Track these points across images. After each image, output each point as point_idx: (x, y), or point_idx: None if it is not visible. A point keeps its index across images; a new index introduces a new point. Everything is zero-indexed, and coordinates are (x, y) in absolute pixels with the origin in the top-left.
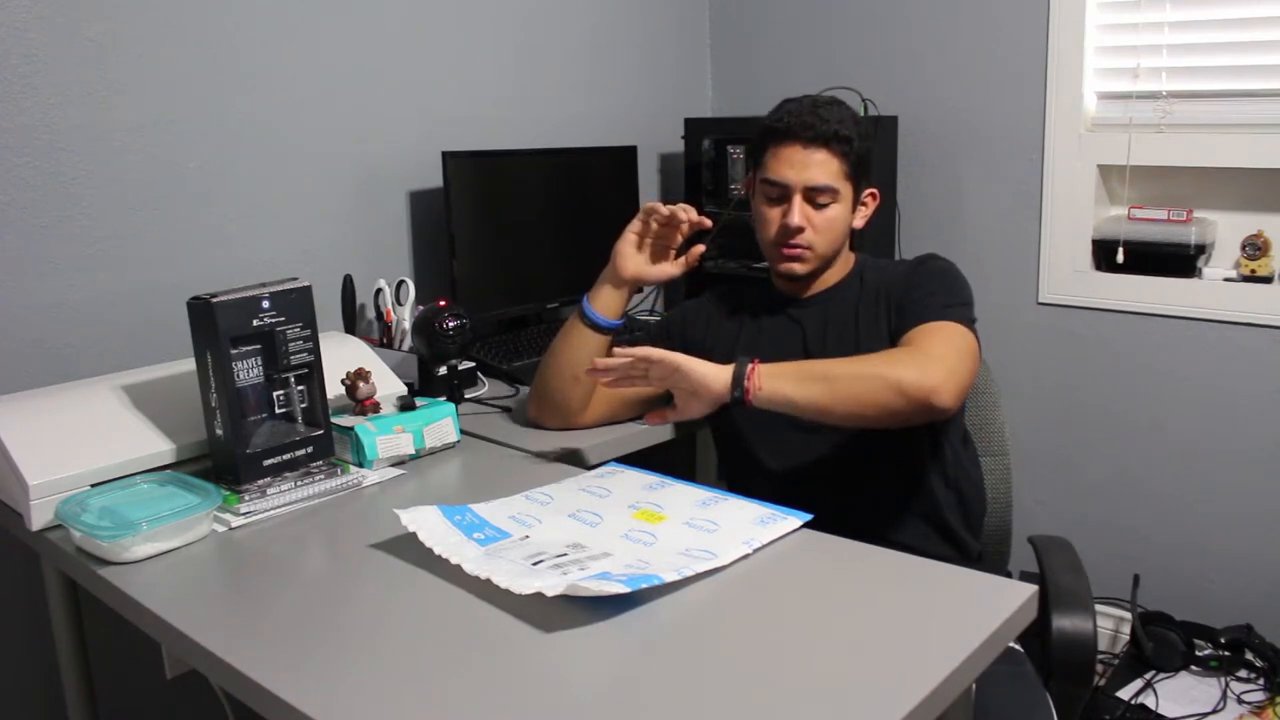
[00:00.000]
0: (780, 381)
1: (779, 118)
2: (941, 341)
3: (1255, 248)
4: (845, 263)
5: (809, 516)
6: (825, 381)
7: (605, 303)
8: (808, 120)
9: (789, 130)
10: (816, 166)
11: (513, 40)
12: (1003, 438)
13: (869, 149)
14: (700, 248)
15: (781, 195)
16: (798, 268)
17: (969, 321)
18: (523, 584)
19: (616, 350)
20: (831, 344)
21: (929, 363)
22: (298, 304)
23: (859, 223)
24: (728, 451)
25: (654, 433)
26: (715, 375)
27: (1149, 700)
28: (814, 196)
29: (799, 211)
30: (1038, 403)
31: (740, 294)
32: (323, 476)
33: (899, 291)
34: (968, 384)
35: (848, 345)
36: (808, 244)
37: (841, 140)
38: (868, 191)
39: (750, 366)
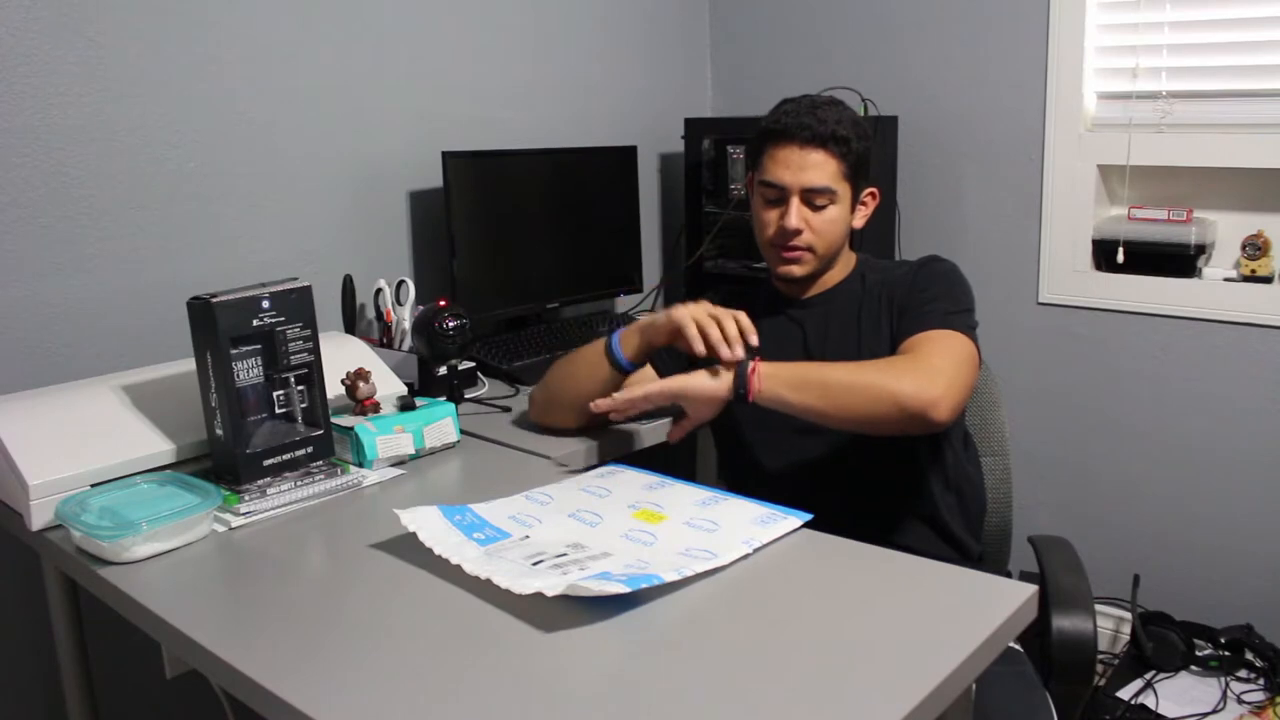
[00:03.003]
0: (778, 384)
1: (776, 119)
2: (941, 352)
3: (1255, 248)
4: (846, 263)
5: (809, 516)
6: (823, 388)
7: (631, 347)
8: (805, 121)
9: (786, 131)
10: (813, 168)
11: (513, 40)
12: (1003, 438)
13: (868, 148)
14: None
15: (779, 197)
16: (796, 270)
17: (970, 329)
18: (523, 584)
19: (615, 399)
20: (832, 345)
21: (928, 376)
22: (298, 304)
23: (859, 222)
24: (728, 453)
25: (654, 432)
26: (716, 386)
27: (1149, 700)
28: (811, 198)
29: (796, 214)
30: (1038, 403)
31: (741, 294)
32: (323, 476)
33: (901, 293)
34: (966, 397)
35: (849, 346)
36: (806, 245)
37: (839, 141)
38: (867, 191)
39: (751, 367)
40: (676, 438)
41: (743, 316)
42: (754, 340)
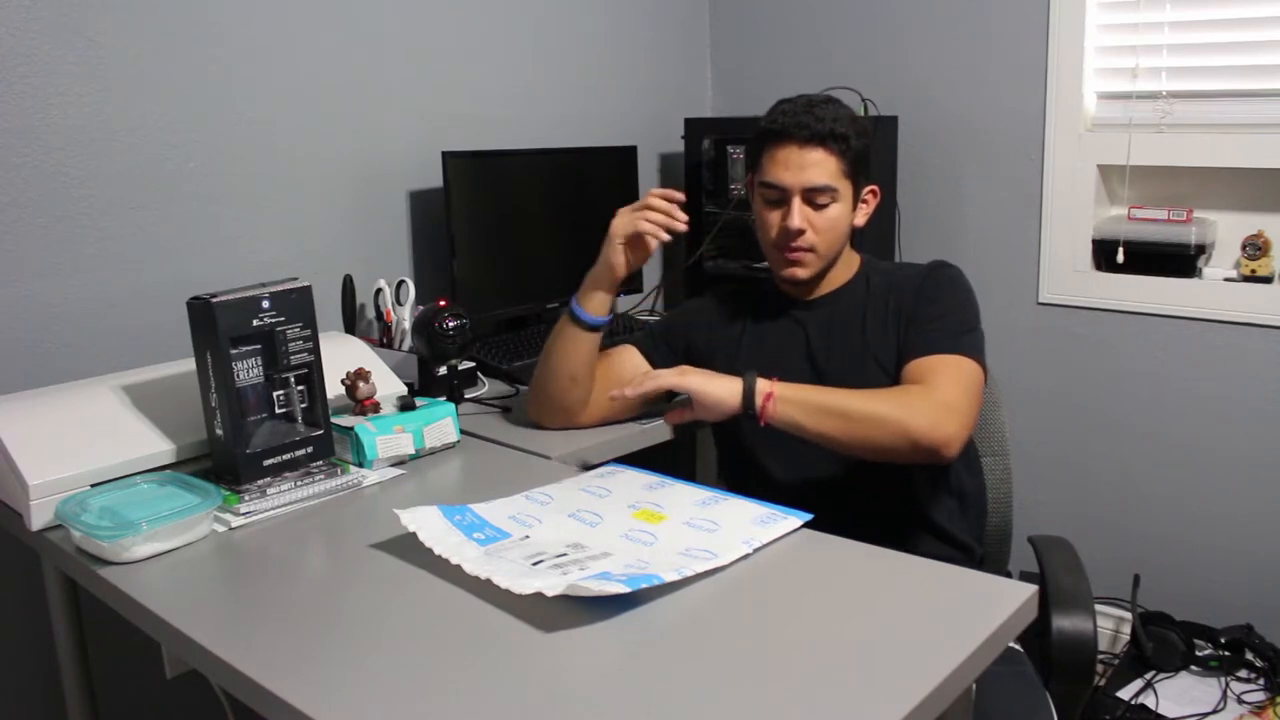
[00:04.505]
0: (793, 409)
1: (773, 119)
2: (953, 383)
3: (1255, 248)
4: (850, 264)
5: (809, 516)
6: (839, 418)
7: (596, 303)
8: (803, 120)
9: (784, 131)
10: (813, 167)
11: (513, 40)
12: (1003, 438)
13: (867, 146)
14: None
15: (780, 198)
16: (800, 273)
17: (979, 350)
18: (523, 584)
19: (631, 383)
20: (836, 349)
21: (943, 413)
22: (298, 304)
23: (860, 221)
24: (728, 456)
25: (654, 433)
26: (728, 396)
27: (1149, 700)
28: (813, 197)
29: (798, 214)
30: (1038, 403)
31: (743, 295)
32: (323, 476)
33: (910, 302)
34: (974, 427)
35: (854, 351)
36: (809, 246)
37: (837, 139)
38: (868, 189)
39: (767, 394)
40: (673, 421)
41: (657, 191)
42: (680, 196)
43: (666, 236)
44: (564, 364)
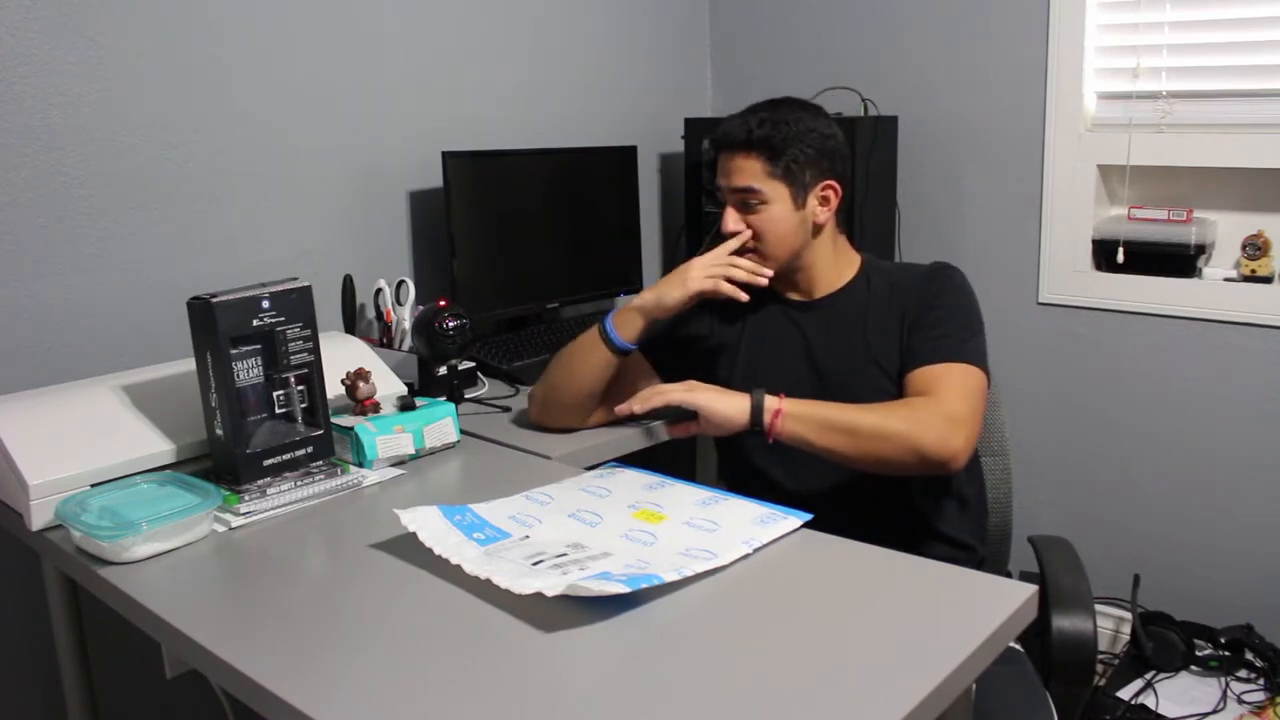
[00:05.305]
0: (801, 426)
1: (717, 128)
2: (960, 394)
3: (1255, 248)
4: (849, 265)
5: (809, 516)
6: (846, 434)
7: (633, 330)
8: (730, 129)
9: (719, 140)
10: (736, 172)
11: (513, 40)
12: (1003, 438)
13: (817, 142)
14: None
15: (725, 201)
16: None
17: (982, 357)
18: (523, 584)
19: (638, 398)
20: (836, 350)
21: (951, 427)
22: (298, 304)
23: (821, 219)
24: (728, 460)
25: (654, 433)
26: (736, 414)
27: (1149, 700)
28: (742, 199)
29: (730, 216)
30: (1038, 403)
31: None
32: (323, 476)
33: (913, 306)
34: (979, 436)
35: (855, 352)
36: (749, 247)
37: (758, 143)
38: (824, 185)
39: (775, 411)
40: (678, 435)
41: (740, 261)
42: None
43: (745, 297)
44: (584, 381)
